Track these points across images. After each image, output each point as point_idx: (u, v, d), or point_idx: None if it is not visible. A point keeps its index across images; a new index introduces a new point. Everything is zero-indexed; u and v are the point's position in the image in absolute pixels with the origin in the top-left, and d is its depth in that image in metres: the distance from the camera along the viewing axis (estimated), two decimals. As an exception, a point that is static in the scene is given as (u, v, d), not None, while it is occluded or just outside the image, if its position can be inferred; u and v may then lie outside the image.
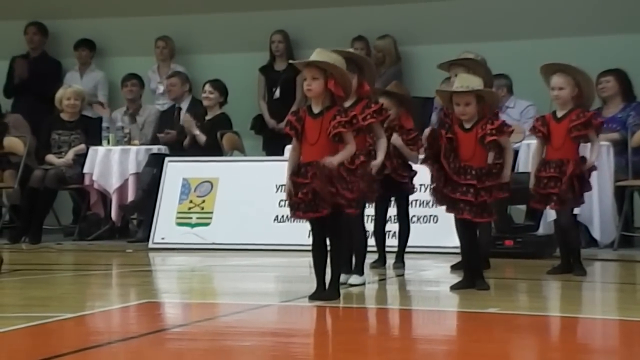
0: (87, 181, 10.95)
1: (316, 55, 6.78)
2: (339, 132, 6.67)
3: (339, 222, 6.88)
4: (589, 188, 8.00)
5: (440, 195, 7.23)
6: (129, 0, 12.39)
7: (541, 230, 9.58)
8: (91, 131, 11.30)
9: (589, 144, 7.97)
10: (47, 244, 10.66)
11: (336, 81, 6.70)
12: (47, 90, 11.72)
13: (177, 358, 5.66)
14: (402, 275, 8.38)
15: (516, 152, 9.24)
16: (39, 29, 12.38)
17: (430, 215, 9.47)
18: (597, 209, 9.62)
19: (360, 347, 5.87)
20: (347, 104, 7.09)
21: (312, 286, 6.97)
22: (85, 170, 10.93)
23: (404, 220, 8.46)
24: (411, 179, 8.30)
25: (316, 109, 6.80)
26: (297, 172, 6.75)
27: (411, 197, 8.53)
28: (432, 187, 7.30)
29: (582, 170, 7.82)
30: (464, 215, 7.15)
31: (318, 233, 6.89)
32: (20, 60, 12.28)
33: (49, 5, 12.40)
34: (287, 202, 6.92)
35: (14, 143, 11.37)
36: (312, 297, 6.88)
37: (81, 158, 11.04)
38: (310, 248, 6.99)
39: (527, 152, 9.42)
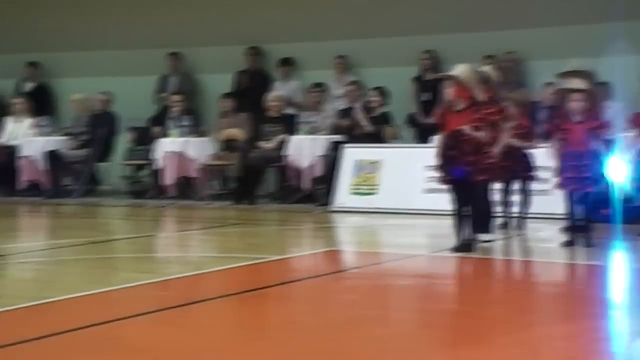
0: (286, 161, 10.97)
1: (455, 70, 6.71)
2: (476, 125, 6.52)
3: (477, 192, 6.70)
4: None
5: (562, 176, 6.90)
6: (316, 27, 12.33)
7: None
8: (289, 124, 11.31)
9: None
10: (259, 205, 10.74)
11: (464, 88, 6.56)
12: (260, 95, 11.80)
13: (353, 292, 5.59)
14: (523, 235, 8.06)
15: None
16: (256, 51, 12.47)
17: (544, 190, 9.07)
18: None
19: (489, 287, 5.70)
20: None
21: (454, 241, 6.78)
22: (285, 152, 10.94)
23: (524, 193, 8.13)
24: (529, 163, 7.96)
25: (458, 107, 6.68)
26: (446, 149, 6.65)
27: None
28: (555, 169, 6.97)
29: None
30: (587, 189, 6.82)
31: (458, 200, 6.72)
32: (241, 74, 12.39)
33: (263, 33, 12.48)
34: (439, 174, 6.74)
35: (237, 133, 11.51)
36: (454, 249, 6.70)
37: (282, 144, 11.05)
38: (451, 213, 6.82)
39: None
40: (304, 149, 10.87)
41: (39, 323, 4.68)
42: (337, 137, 10.89)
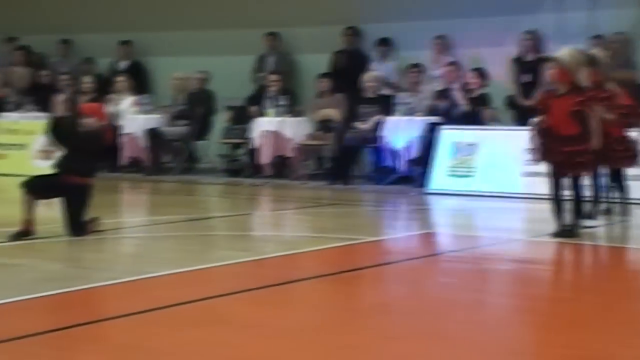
0: (382, 142, 10.93)
1: (558, 52, 6.52)
2: (577, 109, 6.33)
3: (578, 178, 6.53)
4: None
5: None
6: (414, 7, 12.19)
7: None
8: (385, 105, 11.25)
9: None
10: (354, 186, 10.74)
11: (567, 71, 6.38)
12: (356, 75, 11.77)
13: (450, 275, 5.54)
14: (626, 221, 7.83)
15: None
16: (353, 31, 12.43)
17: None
18: None
19: (589, 273, 5.56)
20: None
21: (553, 226, 6.63)
22: (381, 133, 10.90)
23: (625, 179, 7.87)
24: (631, 147, 7.64)
25: (560, 91, 6.48)
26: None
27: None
28: None
29: None
30: None
31: (557, 185, 6.57)
32: (338, 54, 12.39)
33: (360, 13, 12.43)
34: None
35: (333, 113, 11.53)
36: (554, 235, 6.55)
37: (378, 125, 11.00)
38: (549, 197, 6.66)
39: None
40: (400, 130, 10.81)
41: (142, 298, 4.81)
42: (434, 119, 10.79)
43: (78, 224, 6.59)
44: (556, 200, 6.61)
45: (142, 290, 5.01)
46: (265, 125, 11.50)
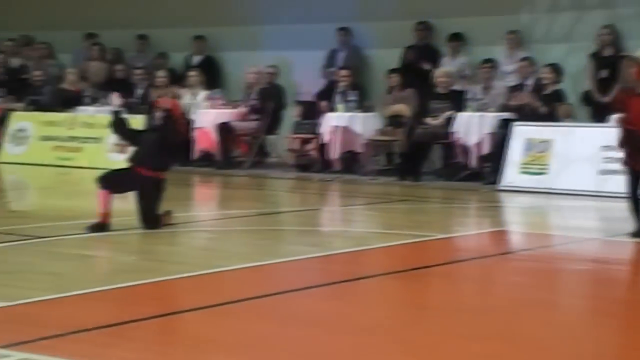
0: (453, 138, 10.83)
1: (638, 51, 6.35)
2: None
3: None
4: None
5: None
6: (487, 1, 12.04)
7: None
8: (457, 101, 11.14)
9: None
10: (424, 182, 10.68)
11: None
12: (427, 70, 11.68)
13: (522, 274, 5.47)
14: None
15: None
16: (425, 26, 12.34)
17: None
18: None
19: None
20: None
21: (631, 226, 6.47)
22: (453, 129, 10.81)
23: None
24: None
25: (638, 90, 6.33)
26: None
27: None
28: None
29: None
30: None
31: (635, 184, 6.40)
32: (409, 49, 12.32)
33: (432, 7, 12.33)
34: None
35: (403, 108, 11.47)
36: (633, 234, 6.39)
37: (450, 121, 10.91)
38: (626, 196, 6.50)
39: None
40: (471, 126, 10.69)
41: (214, 291, 4.87)
42: (506, 115, 10.64)
43: (152, 217, 6.70)
44: (634, 198, 6.44)
45: (214, 283, 5.07)
46: (335, 121, 11.51)
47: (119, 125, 6.82)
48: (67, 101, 13.24)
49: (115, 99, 6.90)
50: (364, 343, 3.89)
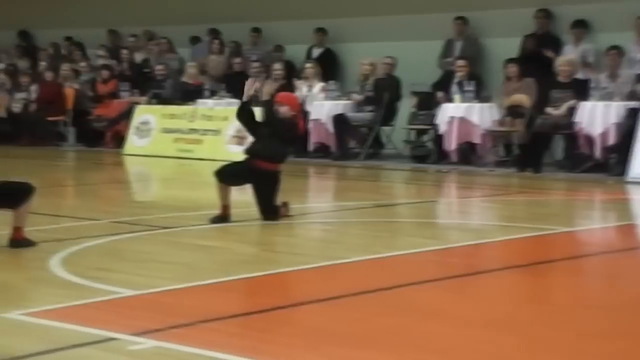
0: (576, 128, 10.53)
1: None
2: None
3: None
4: None
5: None
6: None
7: None
8: (580, 90, 10.82)
9: None
10: (545, 174, 10.43)
11: None
12: (548, 59, 11.40)
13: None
14: None
15: None
16: (545, 13, 12.04)
17: None
18: None
19: None
20: None
21: None
22: (576, 119, 10.51)
23: None
24: None
25: None
26: None
27: None
28: None
29: None
30: None
31: None
32: (529, 37, 12.04)
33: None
34: None
35: (523, 98, 11.24)
36: None
37: (572, 110, 10.62)
38: None
39: None
40: (596, 116, 10.36)
41: (333, 283, 4.91)
42: (633, 104, 10.25)
43: (270, 209, 6.80)
44: None
45: (333, 275, 5.11)
46: (452, 111, 11.39)
47: (245, 115, 6.92)
48: (188, 94, 13.61)
49: (249, 88, 7.02)
50: (489, 338, 3.84)
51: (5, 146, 13.72)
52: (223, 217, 6.68)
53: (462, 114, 11.31)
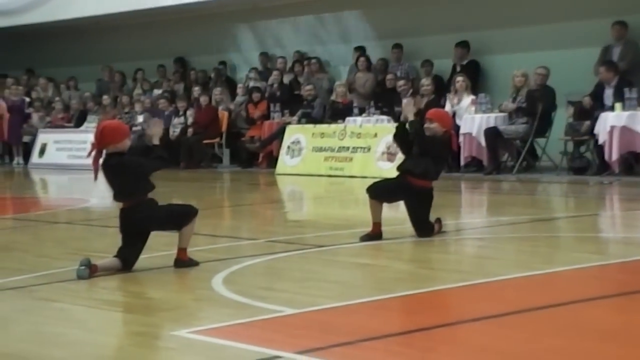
0: None
1: None
2: None
3: None
4: None
5: None
6: None
7: None
8: None
9: None
10: None
11: None
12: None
13: None
14: None
15: None
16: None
17: None
18: None
19: None
20: None
21: None
22: None
23: None
24: None
25: None
26: None
27: None
28: None
29: None
30: None
31: None
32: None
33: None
34: None
35: None
36: None
37: None
38: None
39: None
40: None
41: (495, 300, 4.78)
42: None
43: (424, 225, 6.74)
44: None
45: (494, 292, 4.98)
46: (612, 120, 10.96)
47: (401, 135, 6.89)
48: (337, 113, 13.77)
49: (407, 108, 6.97)
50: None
51: (165, 170, 14.28)
52: (374, 235, 6.66)
53: (624, 123, 10.86)
